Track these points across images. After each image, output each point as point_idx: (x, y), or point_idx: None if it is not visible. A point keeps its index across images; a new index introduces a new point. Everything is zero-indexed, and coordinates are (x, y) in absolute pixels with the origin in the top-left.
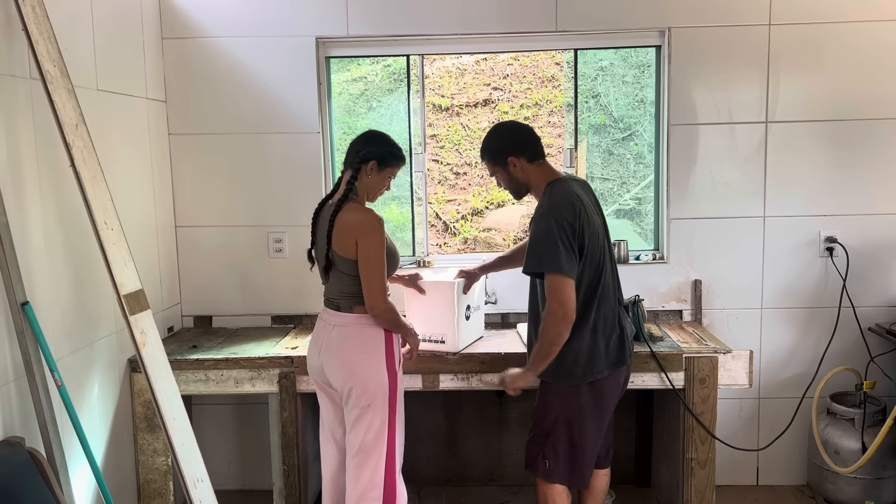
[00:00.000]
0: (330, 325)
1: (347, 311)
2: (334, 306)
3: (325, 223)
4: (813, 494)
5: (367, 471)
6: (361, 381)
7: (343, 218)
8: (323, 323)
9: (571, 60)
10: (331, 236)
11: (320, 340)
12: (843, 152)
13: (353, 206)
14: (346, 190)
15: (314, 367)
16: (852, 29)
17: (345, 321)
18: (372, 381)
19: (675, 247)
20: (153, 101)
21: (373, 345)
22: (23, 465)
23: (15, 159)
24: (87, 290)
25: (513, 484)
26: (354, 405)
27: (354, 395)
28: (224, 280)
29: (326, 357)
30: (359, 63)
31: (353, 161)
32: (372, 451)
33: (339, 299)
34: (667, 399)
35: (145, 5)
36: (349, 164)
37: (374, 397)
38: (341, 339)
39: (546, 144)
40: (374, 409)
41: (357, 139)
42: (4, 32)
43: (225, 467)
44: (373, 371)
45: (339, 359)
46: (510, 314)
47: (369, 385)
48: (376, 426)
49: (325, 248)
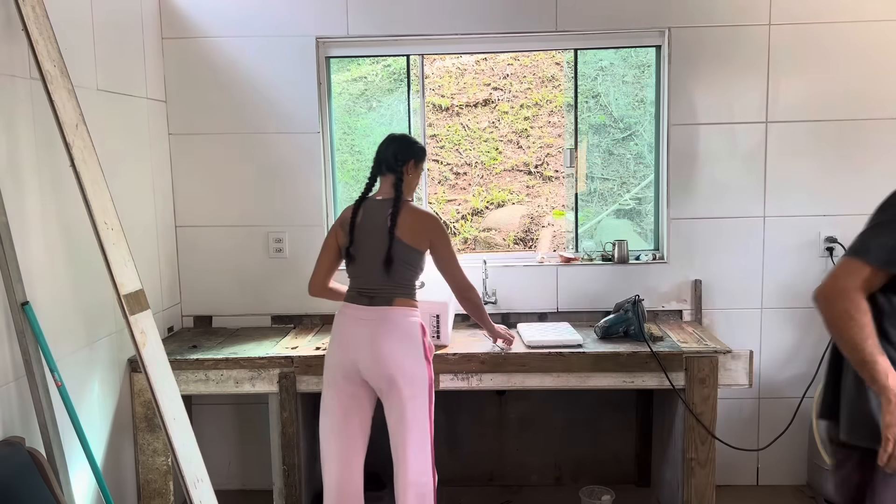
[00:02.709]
0: (363, 320)
1: (385, 305)
2: (367, 299)
3: (382, 220)
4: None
5: (420, 458)
6: (408, 372)
7: (411, 215)
8: (353, 318)
9: (571, 60)
10: (393, 232)
11: (352, 336)
12: (843, 152)
13: (413, 206)
14: (397, 191)
15: (343, 364)
16: (852, 29)
17: (382, 314)
18: (417, 371)
19: (675, 247)
20: (153, 101)
21: (413, 336)
22: (23, 465)
23: (15, 159)
24: (87, 290)
25: (513, 484)
26: (402, 396)
27: (400, 385)
28: (224, 280)
29: (363, 351)
30: (359, 63)
31: (393, 165)
32: (422, 438)
33: (376, 291)
34: (667, 399)
35: (145, 5)
36: (389, 169)
37: (420, 387)
38: (382, 332)
39: (546, 144)
40: (420, 399)
41: (390, 145)
42: (4, 32)
43: (225, 467)
44: (415, 361)
45: (380, 351)
46: (510, 314)
47: (415, 376)
48: (422, 415)
49: (388, 243)
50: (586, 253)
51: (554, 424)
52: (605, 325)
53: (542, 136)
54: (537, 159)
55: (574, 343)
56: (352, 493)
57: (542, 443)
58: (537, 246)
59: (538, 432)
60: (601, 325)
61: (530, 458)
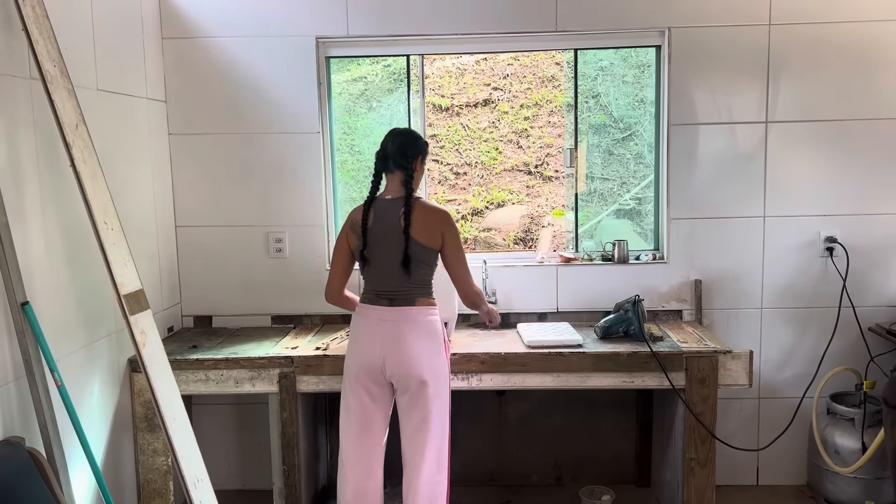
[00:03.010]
0: (386, 321)
1: (408, 305)
2: (387, 301)
3: (395, 220)
4: (813, 494)
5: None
6: (433, 371)
7: (424, 213)
8: (376, 319)
9: (571, 60)
10: (408, 232)
11: (377, 337)
12: (843, 152)
13: (424, 202)
14: (408, 188)
15: (369, 366)
16: (852, 29)
17: (407, 314)
18: (442, 370)
19: (675, 247)
20: (153, 101)
21: (434, 333)
22: (23, 465)
23: (15, 159)
24: (87, 290)
25: (513, 484)
26: (430, 395)
27: (429, 385)
28: (224, 280)
29: (391, 352)
30: (359, 63)
31: (401, 162)
32: (441, 437)
33: (396, 292)
34: (667, 399)
35: (145, 5)
36: (398, 166)
37: (444, 385)
38: (409, 331)
39: (546, 144)
40: (443, 397)
41: (396, 139)
42: (4, 32)
43: (225, 467)
44: (441, 360)
45: (408, 351)
46: (510, 314)
47: (440, 375)
48: (444, 413)
49: (404, 244)
50: (586, 253)
51: (554, 424)
52: (605, 325)
53: (542, 136)
54: (537, 159)
55: (574, 343)
56: (374, 497)
57: (542, 443)
58: (537, 246)
59: (538, 432)
60: (601, 325)
61: (530, 458)
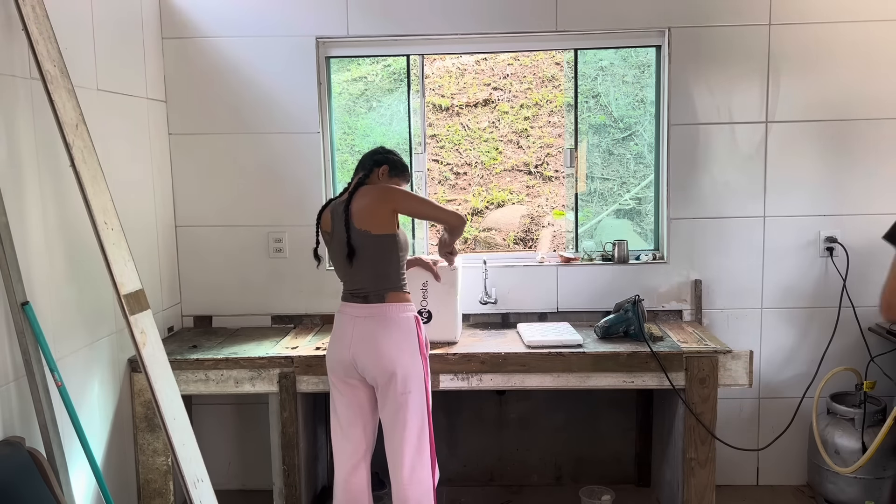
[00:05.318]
0: (359, 318)
1: (378, 301)
2: (361, 298)
3: (339, 216)
4: (813, 494)
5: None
6: (403, 368)
7: (365, 198)
8: (348, 317)
9: (571, 60)
10: (350, 223)
11: (349, 334)
12: (843, 152)
13: (367, 187)
14: (357, 183)
15: (342, 362)
16: (852, 29)
17: (378, 311)
18: (412, 367)
19: (675, 247)
20: (153, 101)
21: (407, 331)
22: (23, 465)
23: (15, 159)
24: (87, 290)
25: (513, 484)
26: (400, 392)
27: (398, 381)
28: (224, 280)
29: (361, 349)
30: (359, 63)
31: (367, 164)
32: (419, 435)
33: (367, 289)
34: (667, 399)
35: (145, 5)
36: (362, 168)
37: (415, 383)
38: (379, 329)
39: (546, 144)
40: (416, 394)
41: (371, 150)
42: (4, 32)
43: (225, 467)
44: (412, 357)
45: (378, 348)
46: (510, 314)
47: (410, 371)
48: (420, 411)
49: (346, 237)
50: (586, 253)
51: (554, 424)
52: (605, 325)
53: (542, 136)
54: (537, 159)
55: (574, 343)
56: (358, 492)
57: (542, 443)
58: (537, 246)
59: (538, 432)
60: (601, 325)
61: (530, 458)
